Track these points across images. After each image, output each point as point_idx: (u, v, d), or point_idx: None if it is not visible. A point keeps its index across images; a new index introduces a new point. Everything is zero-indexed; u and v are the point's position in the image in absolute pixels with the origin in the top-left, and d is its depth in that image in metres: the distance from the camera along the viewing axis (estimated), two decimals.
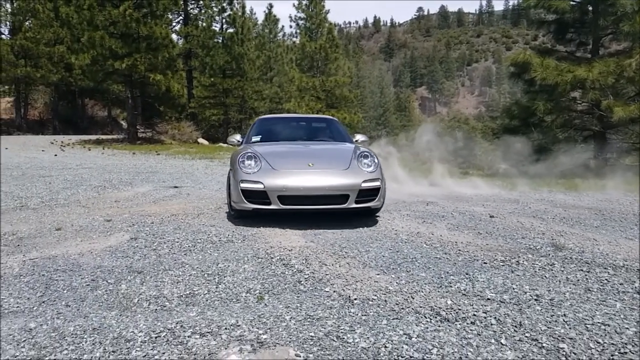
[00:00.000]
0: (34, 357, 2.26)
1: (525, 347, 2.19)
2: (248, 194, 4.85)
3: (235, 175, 5.04)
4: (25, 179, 9.17)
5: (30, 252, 4.20)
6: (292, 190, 4.77)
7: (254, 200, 4.84)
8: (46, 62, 28.40)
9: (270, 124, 6.91)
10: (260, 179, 4.83)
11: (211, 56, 26.76)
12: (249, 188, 4.84)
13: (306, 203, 4.86)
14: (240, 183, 4.89)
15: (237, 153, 5.47)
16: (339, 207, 4.86)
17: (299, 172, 4.95)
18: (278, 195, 4.75)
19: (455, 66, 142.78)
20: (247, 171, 4.97)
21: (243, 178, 4.91)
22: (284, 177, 4.86)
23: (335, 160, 5.29)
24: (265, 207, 4.80)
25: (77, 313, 2.82)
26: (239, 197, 4.91)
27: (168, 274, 3.37)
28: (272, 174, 4.92)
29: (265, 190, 4.76)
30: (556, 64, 13.27)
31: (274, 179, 4.84)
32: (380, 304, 2.71)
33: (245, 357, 2.06)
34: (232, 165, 5.31)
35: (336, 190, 4.84)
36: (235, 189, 4.97)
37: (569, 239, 4.37)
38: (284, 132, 6.67)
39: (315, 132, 6.77)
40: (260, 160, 5.08)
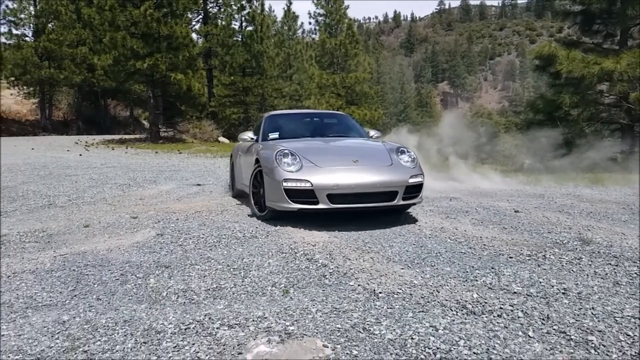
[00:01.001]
0: (68, 348, 2.33)
1: (553, 339, 2.18)
2: (293, 193, 4.55)
3: (272, 174, 4.72)
4: (52, 178, 9.39)
5: (61, 248, 4.31)
6: (343, 188, 4.53)
7: (299, 200, 4.54)
8: (69, 63, 29.02)
9: (282, 120, 6.67)
10: (307, 177, 4.54)
11: (231, 55, 26.99)
12: (294, 187, 4.54)
13: (356, 201, 4.62)
14: (283, 182, 4.56)
15: (268, 151, 5.12)
16: (387, 204, 4.69)
17: (346, 169, 4.72)
18: (327, 194, 4.49)
19: (477, 60, 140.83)
20: (288, 169, 4.65)
21: (286, 177, 4.58)
22: (331, 174, 4.61)
23: (374, 156, 5.12)
24: (312, 207, 4.52)
25: (108, 306, 2.90)
26: (281, 197, 4.61)
27: (195, 269, 3.43)
28: (318, 171, 4.65)
29: (313, 189, 4.49)
30: (582, 56, 12.99)
31: (322, 177, 4.57)
32: (406, 297, 2.71)
33: (274, 348, 2.10)
34: (265, 163, 4.94)
35: (386, 187, 4.66)
36: (275, 189, 4.66)
37: (597, 233, 4.29)
38: (300, 128, 6.44)
39: (331, 127, 6.60)
40: (299, 158, 4.78)
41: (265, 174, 4.88)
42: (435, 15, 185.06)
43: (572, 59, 12.94)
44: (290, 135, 6.04)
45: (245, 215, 5.46)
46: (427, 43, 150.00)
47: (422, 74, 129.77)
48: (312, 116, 7.34)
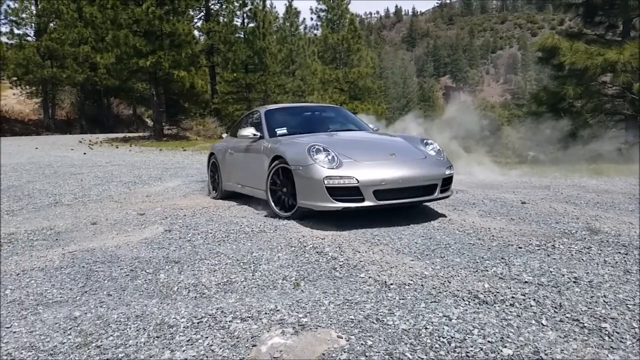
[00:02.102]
0: (81, 344, 2.34)
1: (567, 327, 2.17)
2: (335, 191, 4.24)
3: (308, 172, 4.36)
4: (57, 176, 9.41)
5: (69, 246, 4.33)
6: (390, 183, 4.30)
7: (343, 198, 4.24)
8: (71, 62, 29.06)
9: (283, 115, 6.27)
10: (352, 173, 4.26)
11: (233, 51, 26.97)
12: (338, 184, 4.23)
13: (400, 196, 4.41)
14: (324, 180, 4.23)
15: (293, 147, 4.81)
16: (428, 198, 4.59)
17: (388, 163, 4.51)
18: (374, 190, 4.24)
19: (479, 54, 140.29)
20: (328, 166, 4.33)
21: (329, 174, 4.25)
22: (375, 169, 4.37)
23: (406, 149, 4.93)
24: (358, 205, 4.23)
25: (119, 301, 2.90)
26: (321, 196, 4.26)
27: (204, 263, 3.44)
28: (360, 166, 4.38)
29: (359, 186, 4.21)
30: (586, 48, 12.92)
31: (367, 172, 4.30)
32: (417, 288, 2.71)
33: (288, 340, 2.10)
34: (295, 160, 4.56)
35: (428, 181, 4.53)
36: (313, 187, 4.32)
37: (604, 223, 4.28)
38: (305, 122, 6.21)
39: (334, 120, 6.38)
40: (333, 153, 4.45)
41: (295, 171, 4.53)
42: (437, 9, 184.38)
43: (575, 50, 12.87)
44: (298, 130, 5.79)
45: (252, 211, 5.46)
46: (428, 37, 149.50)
47: (424, 68, 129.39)
48: (310, 110, 7.03)
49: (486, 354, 1.94)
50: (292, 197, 4.65)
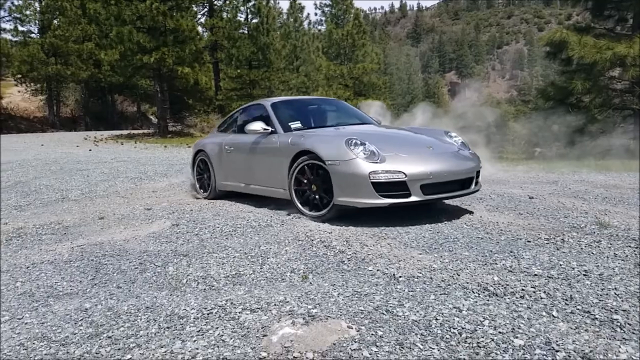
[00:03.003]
0: (92, 334, 2.35)
1: (578, 318, 2.17)
2: (382, 187, 4.01)
3: (349, 167, 4.10)
4: (63, 172, 9.45)
5: (77, 240, 4.35)
6: (437, 177, 4.14)
7: (389, 194, 4.02)
8: (76, 59, 29.16)
9: (291, 108, 5.88)
10: (398, 167, 4.05)
11: (237, 47, 26.94)
12: (385, 180, 4.00)
13: (444, 190, 4.26)
14: (370, 175, 4.00)
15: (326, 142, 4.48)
16: (466, 191, 4.46)
17: (429, 156, 4.36)
18: (421, 185, 4.06)
19: (485, 49, 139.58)
20: (371, 160, 4.10)
21: (374, 169, 4.03)
22: (419, 162, 4.19)
23: (436, 141, 4.79)
24: (405, 201, 4.03)
25: (128, 294, 2.92)
26: (366, 193, 4.02)
27: (213, 257, 3.45)
28: (404, 160, 4.17)
29: (406, 180, 4.01)
30: (594, 42, 12.81)
31: (414, 166, 4.10)
32: (426, 281, 2.71)
33: (299, 330, 2.10)
34: (330, 155, 4.26)
35: (468, 174, 4.43)
36: (356, 183, 4.06)
37: (614, 217, 4.25)
38: (314, 116, 5.92)
39: (341, 114, 6.14)
40: (373, 147, 4.21)
41: (331, 167, 4.22)
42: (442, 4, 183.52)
43: (583, 44, 12.78)
44: (312, 124, 5.55)
45: (258, 205, 5.46)
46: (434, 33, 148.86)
47: (429, 64, 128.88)
48: (314, 103, 6.67)
49: (497, 344, 1.94)
50: (326, 194, 4.38)
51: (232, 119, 6.48)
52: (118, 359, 2.09)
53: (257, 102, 6.17)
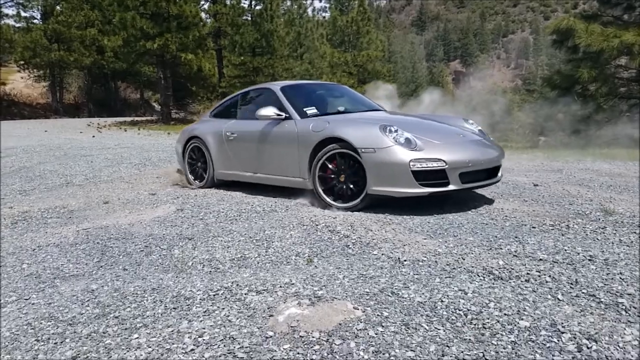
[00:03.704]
0: (99, 315, 2.37)
1: (583, 302, 2.17)
2: (421, 175, 3.88)
3: (387, 155, 3.92)
4: (67, 158, 9.46)
5: (82, 223, 4.37)
6: (475, 165, 4.05)
7: (429, 183, 3.90)
8: (78, 45, 29.06)
9: (301, 92, 5.61)
10: (438, 155, 3.92)
11: (240, 34, 26.76)
12: (425, 168, 3.87)
13: (478, 179, 4.17)
14: (411, 163, 3.84)
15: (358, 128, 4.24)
16: (494, 180, 4.40)
17: (464, 144, 4.26)
18: (460, 173, 3.97)
19: (490, 38, 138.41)
20: (408, 147, 3.94)
21: (415, 156, 3.87)
22: (456, 150, 4.09)
23: (463, 129, 4.71)
24: (444, 189, 3.94)
25: (135, 275, 2.94)
26: (405, 181, 3.87)
27: (218, 240, 3.46)
28: (442, 147, 4.05)
29: (445, 169, 3.89)
30: (602, 29, 12.65)
31: (453, 154, 4.00)
32: (431, 265, 2.72)
33: (305, 310, 2.11)
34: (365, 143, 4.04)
35: (498, 162, 4.38)
36: (394, 172, 3.89)
37: (619, 205, 4.25)
38: (325, 101, 5.66)
39: (349, 100, 5.89)
40: (408, 134, 4.05)
41: (365, 155, 4.01)
42: None
43: (590, 32, 12.63)
44: (327, 110, 5.30)
45: (263, 190, 5.45)
46: (438, 21, 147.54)
47: (433, 52, 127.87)
48: (321, 88, 6.37)
49: (503, 325, 1.94)
50: (354, 184, 4.21)
51: (231, 103, 6.14)
52: (125, 338, 2.11)
53: (262, 87, 5.91)
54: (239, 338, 1.96)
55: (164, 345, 2.00)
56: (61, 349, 2.08)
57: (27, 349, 2.10)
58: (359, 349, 1.82)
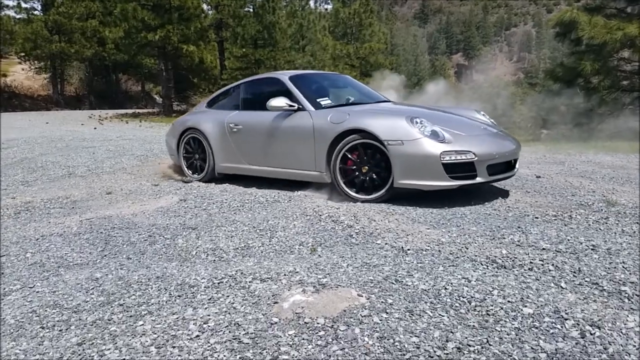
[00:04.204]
0: (104, 302, 2.38)
1: (586, 290, 2.18)
2: (452, 168, 3.81)
3: (416, 147, 3.83)
4: (69, 150, 9.47)
5: (85, 213, 4.38)
6: (500, 157, 4.05)
7: (458, 175, 3.84)
8: (79, 37, 28.96)
9: (311, 82, 5.43)
10: (467, 147, 3.87)
11: (242, 26, 26.65)
12: (456, 160, 3.80)
13: (500, 171, 4.15)
14: (441, 156, 3.77)
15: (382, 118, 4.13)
16: (513, 172, 4.38)
17: (488, 137, 4.24)
18: (488, 165, 3.94)
19: (492, 31, 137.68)
20: (437, 139, 3.87)
21: (445, 149, 3.80)
22: (483, 142, 4.06)
23: (480, 121, 4.69)
24: (471, 182, 3.89)
25: (139, 264, 2.95)
26: (437, 174, 3.80)
27: (221, 230, 3.47)
28: (469, 140, 4.01)
29: (474, 161, 3.84)
30: (605, 22, 12.58)
31: (481, 146, 3.95)
32: (435, 253, 2.73)
33: (310, 297, 2.13)
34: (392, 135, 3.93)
35: (517, 154, 4.39)
36: (427, 164, 3.81)
37: (621, 196, 4.25)
38: (338, 92, 5.50)
39: (357, 91, 5.75)
40: (435, 127, 3.98)
41: (392, 147, 3.90)
42: None
43: (594, 24, 12.56)
44: (341, 101, 5.19)
45: (265, 182, 5.45)
46: (441, 14, 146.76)
47: (436, 45, 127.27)
48: (328, 78, 6.18)
49: (507, 312, 1.95)
50: (377, 176, 4.12)
51: (232, 94, 5.92)
52: (130, 325, 2.12)
53: (267, 76, 5.73)
54: (244, 324, 1.98)
55: (169, 331, 2.01)
56: (66, 336, 2.09)
57: (32, 336, 2.12)
58: (364, 334, 1.83)
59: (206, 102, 6.30)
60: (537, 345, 1.73)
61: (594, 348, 1.71)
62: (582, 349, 1.71)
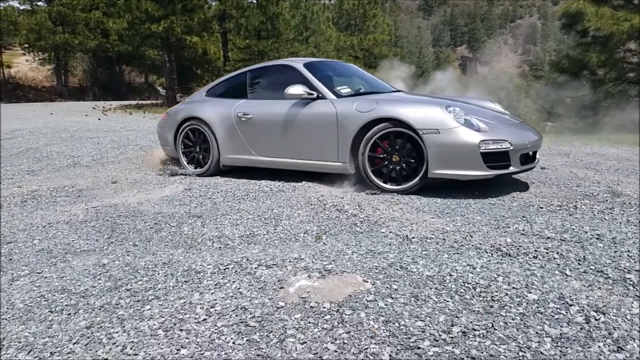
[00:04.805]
0: (112, 287, 2.41)
1: (591, 277, 2.19)
2: (489, 157, 3.77)
3: (455, 136, 3.76)
4: (74, 140, 9.49)
5: (91, 202, 4.41)
6: (532, 147, 4.08)
7: (494, 165, 3.80)
8: (83, 28, 28.89)
9: (326, 70, 5.25)
10: (503, 137, 3.85)
11: (246, 17, 26.55)
12: (492, 149, 3.77)
13: (528, 161, 4.16)
14: (480, 145, 3.72)
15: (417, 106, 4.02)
16: (535, 164, 4.35)
17: (517, 126, 4.26)
18: (520, 155, 3.94)
19: (497, 23, 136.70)
20: (472, 129, 3.81)
21: (484, 138, 3.75)
22: (515, 132, 4.07)
23: (502, 111, 4.68)
24: (504, 171, 3.87)
25: (145, 251, 2.98)
26: (474, 164, 3.75)
27: (226, 218, 3.49)
28: (502, 129, 4.01)
29: (509, 150, 3.82)
30: (612, 13, 12.48)
31: (516, 136, 3.96)
32: (439, 242, 2.74)
33: (315, 282, 2.14)
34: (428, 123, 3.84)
35: (540, 145, 4.38)
36: (465, 154, 3.75)
37: (626, 187, 4.25)
38: (348, 82, 5.27)
39: (367, 81, 5.55)
40: (469, 116, 3.95)
41: (428, 136, 3.82)
42: None
43: (600, 15, 12.46)
44: (360, 89, 5.06)
45: (268, 172, 5.45)
46: (445, 5, 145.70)
47: (440, 37, 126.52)
48: (339, 66, 5.94)
49: (511, 298, 1.97)
50: (407, 165, 4.04)
51: (237, 82, 5.61)
52: (138, 309, 2.14)
53: (278, 63, 5.50)
54: (250, 308, 2.00)
55: (176, 315, 2.04)
56: (75, 320, 2.12)
57: (41, 320, 2.14)
58: (369, 318, 1.85)
59: (205, 90, 5.94)
60: (542, 330, 1.74)
61: (598, 333, 1.73)
62: (587, 333, 1.72)
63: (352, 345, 1.71)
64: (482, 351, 1.64)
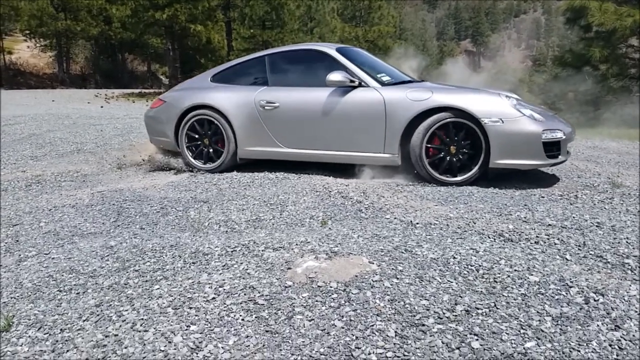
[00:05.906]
0: (120, 268, 2.45)
1: (591, 262, 2.25)
2: (547, 147, 3.78)
3: (519, 126, 3.72)
4: (77, 127, 9.51)
5: (97, 187, 4.45)
6: (571, 138, 4.10)
7: (550, 155, 3.83)
8: (85, 14, 28.71)
9: (359, 57, 4.98)
10: (557, 127, 3.89)
11: (250, 6, 26.40)
12: (551, 139, 3.79)
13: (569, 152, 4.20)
14: (543, 134, 3.74)
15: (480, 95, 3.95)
16: (568, 156, 4.30)
17: (555, 117, 4.27)
18: (568, 144, 3.99)
19: (501, 18, 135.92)
20: (535, 118, 3.81)
21: (545, 127, 3.78)
22: (559, 123, 4.06)
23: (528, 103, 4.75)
24: (555, 161, 3.90)
25: (152, 234, 3.02)
26: (536, 153, 3.76)
27: (233, 203, 3.53)
28: (551, 119, 4.01)
29: (561, 140, 3.85)
30: (615, 8, 12.49)
31: (561, 125, 3.97)
32: (443, 227, 2.79)
33: (322, 263, 2.19)
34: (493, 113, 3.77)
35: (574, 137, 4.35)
36: (528, 143, 3.73)
37: (626, 179, 4.29)
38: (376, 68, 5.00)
39: (388, 72, 5.16)
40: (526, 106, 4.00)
41: (491, 126, 3.74)
42: None
43: (604, 10, 12.47)
44: (397, 78, 4.86)
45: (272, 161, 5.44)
46: None
47: (444, 31, 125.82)
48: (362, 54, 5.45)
49: (513, 279, 2.02)
50: (463, 155, 3.95)
51: (252, 67, 5.15)
52: (146, 289, 2.19)
53: (303, 47, 5.12)
54: (258, 287, 2.05)
55: (185, 294, 2.09)
56: (84, 298, 2.17)
57: (50, 299, 2.19)
58: (375, 297, 1.90)
59: (210, 75, 5.35)
60: (543, 309, 1.80)
61: (597, 313, 1.78)
62: (586, 313, 1.78)
63: (358, 322, 1.77)
64: (485, 328, 1.69)
